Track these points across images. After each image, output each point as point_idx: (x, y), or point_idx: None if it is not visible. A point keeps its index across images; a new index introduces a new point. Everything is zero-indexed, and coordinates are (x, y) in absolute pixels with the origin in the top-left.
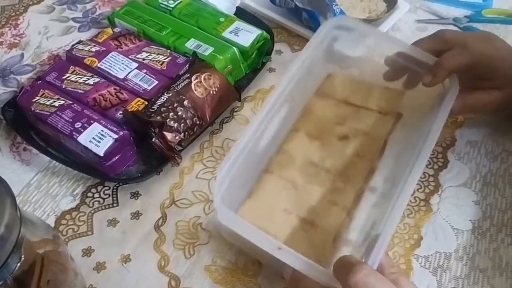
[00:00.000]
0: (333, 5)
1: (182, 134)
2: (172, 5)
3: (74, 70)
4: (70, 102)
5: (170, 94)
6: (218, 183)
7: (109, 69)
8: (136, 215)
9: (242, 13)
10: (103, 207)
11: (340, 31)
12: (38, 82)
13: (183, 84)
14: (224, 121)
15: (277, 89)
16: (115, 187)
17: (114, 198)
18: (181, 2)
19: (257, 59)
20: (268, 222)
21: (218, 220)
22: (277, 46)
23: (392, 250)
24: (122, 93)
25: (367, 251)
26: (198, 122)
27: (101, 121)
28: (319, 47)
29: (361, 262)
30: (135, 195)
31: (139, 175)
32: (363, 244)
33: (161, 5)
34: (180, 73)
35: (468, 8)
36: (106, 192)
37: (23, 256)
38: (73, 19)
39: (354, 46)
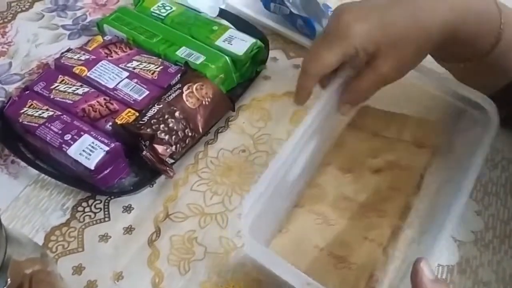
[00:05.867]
0: (329, 11)
1: (174, 146)
2: (164, 14)
3: (63, 80)
4: (59, 113)
5: (161, 106)
6: (245, 214)
7: (99, 78)
8: (128, 229)
9: (228, 15)
10: (94, 222)
11: None
12: (26, 92)
13: (174, 95)
14: (219, 131)
15: (305, 121)
16: (106, 201)
17: (106, 212)
18: (173, 11)
19: (251, 68)
20: (299, 258)
21: (246, 252)
22: (272, 53)
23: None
24: (112, 104)
25: None
26: (190, 134)
27: (92, 132)
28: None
29: None
30: (127, 208)
31: (131, 188)
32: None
33: (153, 13)
34: (171, 83)
35: None
36: (98, 206)
37: (9, 279)
38: (63, 26)
39: None
